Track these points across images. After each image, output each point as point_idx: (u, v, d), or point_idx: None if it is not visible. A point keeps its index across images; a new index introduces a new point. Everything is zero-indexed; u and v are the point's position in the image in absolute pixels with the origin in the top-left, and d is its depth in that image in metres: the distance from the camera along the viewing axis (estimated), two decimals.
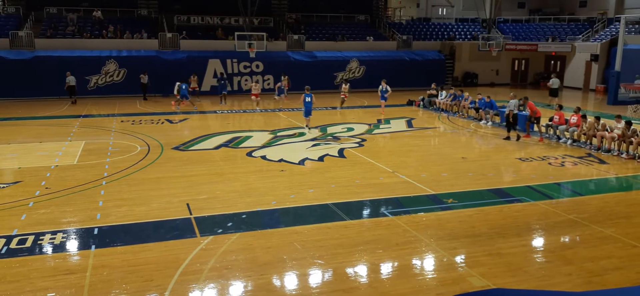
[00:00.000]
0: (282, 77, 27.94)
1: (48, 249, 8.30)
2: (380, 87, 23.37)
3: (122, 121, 20.81)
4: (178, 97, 23.87)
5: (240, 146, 16.47)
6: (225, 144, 16.59)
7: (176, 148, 15.87)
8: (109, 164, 13.71)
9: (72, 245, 8.50)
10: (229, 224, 9.40)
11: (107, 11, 32.79)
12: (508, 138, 17.54)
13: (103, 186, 11.79)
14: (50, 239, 8.65)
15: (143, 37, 31.12)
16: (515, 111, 17.86)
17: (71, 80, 25.92)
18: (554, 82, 27.15)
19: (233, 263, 7.82)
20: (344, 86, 25.80)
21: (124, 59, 29.06)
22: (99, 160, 14.21)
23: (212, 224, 9.38)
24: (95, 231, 9.01)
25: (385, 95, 23.10)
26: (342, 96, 25.27)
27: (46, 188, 11.53)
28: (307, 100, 19.04)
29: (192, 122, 21.06)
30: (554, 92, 26.91)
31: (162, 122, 20.57)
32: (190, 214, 9.90)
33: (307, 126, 19.33)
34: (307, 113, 19.22)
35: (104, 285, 7.09)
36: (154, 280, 7.26)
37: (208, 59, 30.31)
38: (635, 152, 15.07)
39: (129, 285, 7.08)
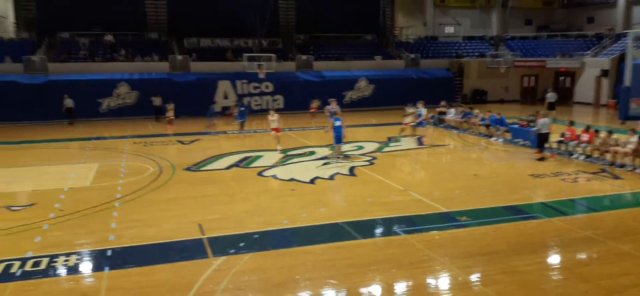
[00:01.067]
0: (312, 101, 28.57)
1: (62, 271, 8.32)
2: (415, 110, 21.12)
3: (134, 143, 20.96)
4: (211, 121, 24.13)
5: (251, 165, 16.50)
6: (237, 164, 16.64)
7: (188, 169, 15.93)
8: (122, 186, 13.78)
9: (86, 267, 8.51)
10: (241, 244, 9.38)
11: (118, 35, 33.28)
12: (542, 159, 16.64)
13: (116, 207, 11.84)
14: (64, 261, 8.67)
15: (154, 59, 31.50)
16: (545, 131, 16.95)
17: (69, 102, 26.59)
18: (550, 96, 28.26)
19: (246, 283, 7.79)
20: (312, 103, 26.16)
21: (136, 81, 29.40)
22: (111, 182, 14.29)
23: (224, 245, 9.36)
24: (109, 253, 9.02)
25: (421, 119, 20.72)
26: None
27: (60, 210, 11.60)
28: (336, 124, 16.71)
29: (204, 143, 21.17)
30: (551, 106, 27.61)
31: (174, 144, 20.70)
32: (203, 234, 9.89)
33: (336, 155, 16.99)
34: (338, 139, 16.78)
35: None
36: None
37: (218, 81, 30.59)
38: None
39: None
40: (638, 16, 36.43)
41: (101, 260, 8.73)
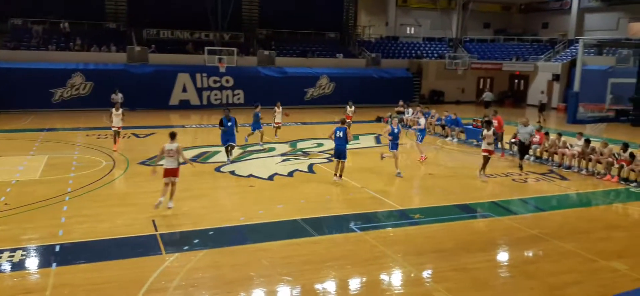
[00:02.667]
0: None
1: (6, 267, 8.02)
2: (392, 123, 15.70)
3: (87, 135, 20.37)
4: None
5: (209, 161, 16.32)
6: (193, 159, 16.41)
7: (142, 163, 15.60)
8: (73, 179, 13.38)
9: (32, 263, 8.24)
10: (196, 241, 9.28)
11: (74, 24, 32.15)
12: (521, 167, 15.89)
13: (66, 201, 11.49)
14: (9, 257, 8.36)
15: (111, 50, 30.65)
16: (527, 141, 16.12)
17: None
18: (487, 95, 32.05)
19: (199, 280, 7.72)
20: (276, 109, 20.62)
21: (91, 72, 28.53)
22: (62, 175, 13.85)
23: (178, 241, 9.25)
24: (57, 249, 8.76)
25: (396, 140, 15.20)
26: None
27: (5, 204, 11.16)
28: (338, 135, 13.58)
29: (159, 137, 20.74)
30: (487, 105, 30.63)
31: (129, 137, 20.22)
32: (156, 231, 9.73)
33: (336, 174, 13.77)
34: (339, 154, 13.63)
35: None
36: None
37: (177, 73, 30.04)
38: (594, 169, 15.58)
39: None
40: (590, 23, 37.96)
41: (49, 256, 8.47)
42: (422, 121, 17.54)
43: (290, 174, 14.78)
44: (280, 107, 19.85)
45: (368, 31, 41.52)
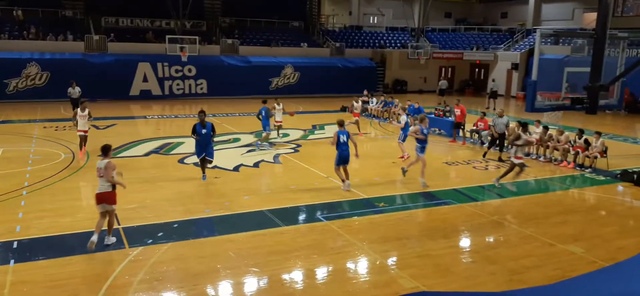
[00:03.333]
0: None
1: None
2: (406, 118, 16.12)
3: (44, 127, 19.73)
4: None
5: (172, 152, 16.08)
6: (156, 151, 16.15)
7: None
8: (30, 173, 12.96)
9: None
10: (160, 234, 9.15)
11: (28, 11, 30.93)
12: (485, 155, 16.24)
13: (23, 196, 11.13)
14: None
15: (68, 39, 29.69)
16: (502, 131, 16.04)
17: None
18: (442, 83, 33.67)
19: (164, 274, 7.63)
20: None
21: (47, 62, 27.60)
22: (18, 169, 13.39)
23: (142, 235, 9.09)
24: (15, 245, 8.48)
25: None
26: None
27: None
28: (342, 139, 12.10)
29: (120, 128, 20.31)
30: (441, 92, 32.74)
31: (88, 129, 19.64)
32: (118, 224, 9.54)
33: (344, 181, 12.26)
34: (345, 160, 12.16)
35: None
36: (79, 294, 6.96)
37: (137, 63, 29.41)
38: (552, 155, 16.13)
39: None
40: (547, 13, 39.05)
41: (6, 253, 8.20)
42: (403, 118, 15.83)
43: (256, 165, 14.72)
44: (280, 104, 18.41)
45: (332, 20, 41.55)
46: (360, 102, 21.42)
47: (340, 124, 12.31)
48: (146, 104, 27.74)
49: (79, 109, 14.94)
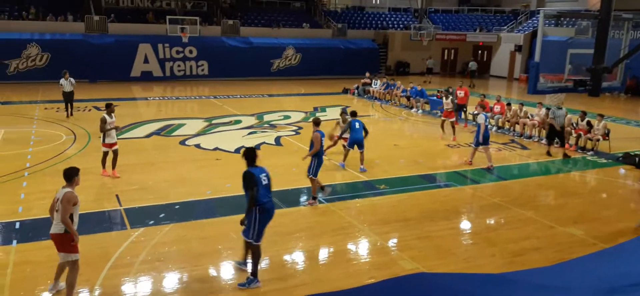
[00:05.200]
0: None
1: None
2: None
3: (46, 108, 19.73)
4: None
5: (173, 134, 16.08)
6: (157, 133, 16.14)
7: None
8: (32, 155, 12.98)
9: None
10: (162, 215, 9.19)
11: None
12: (548, 153, 14.61)
13: (25, 177, 11.17)
14: None
15: (68, 19, 29.53)
16: (562, 124, 14.43)
17: None
18: (430, 62, 34.25)
19: (166, 254, 7.67)
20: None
21: (48, 42, 27.48)
22: (20, 150, 13.41)
23: (144, 216, 9.13)
24: (17, 226, 8.54)
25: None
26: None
27: None
28: (356, 127, 12.43)
29: (122, 109, 20.24)
30: (429, 71, 33.89)
31: (90, 110, 19.67)
32: (120, 205, 9.58)
33: (362, 167, 12.42)
34: (358, 145, 12.41)
35: (27, 283, 6.77)
36: (82, 274, 6.98)
37: (138, 44, 29.26)
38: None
39: None
40: None
41: (9, 233, 8.25)
42: (481, 118, 12.92)
43: (257, 147, 14.69)
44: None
45: (334, 1, 41.20)
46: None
47: (354, 113, 12.64)
48: (147, 85, 27.67)
49: (107, 115, 11.24)
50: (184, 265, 7.37)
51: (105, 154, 11.34)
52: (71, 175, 6.49)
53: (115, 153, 11.35)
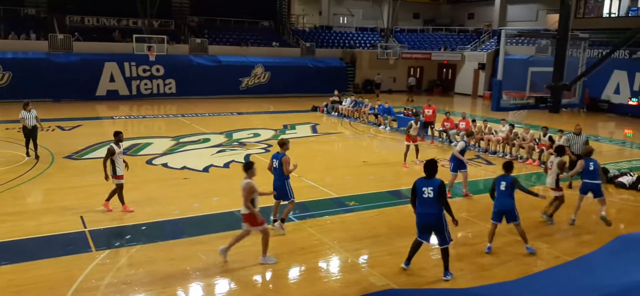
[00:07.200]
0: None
1: None
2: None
3: (7, 129, 19.15)
4: None
5: (140, 153, 15.82)
6: (123, 152, 15.72)
7: (69, 157, 14.89)
8: None
9: None
10: (128, 236, 9.00)
11: None
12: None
13: None
14: None
15: (31, 38, 28.86)
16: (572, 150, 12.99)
17: None
18: (378, 77, 35.43)
19: (132, 277, 7.51)
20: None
21: (9, 61, 26.73)
22: None
23: (109, 237, 8.93)
24: None
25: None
26: None
27: None
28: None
29: (87, 128, 19.86)
30: (377, 86, 34.87)
31: (53, 130, 19.18)
32: (85, 227, 9.35)
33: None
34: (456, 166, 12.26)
35: None
36: None
37: (104, 62, 28.76)
38: (517, 153, 16.52)
39: None
40: (512, 14, 39.88)
41: None
42: (461, 145, 12.30)
43: (226, 165, 14.61)
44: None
45: (302, 20, 41.52)
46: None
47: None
48: (113, 104, 27.19)
49: (114, 145, 10.37)
50: (151, 288, 7.22)
51: (121, 187, 10.21)
52: (248, 167, 8.22)
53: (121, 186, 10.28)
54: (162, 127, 20.91)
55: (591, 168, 10.16)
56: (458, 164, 12.17)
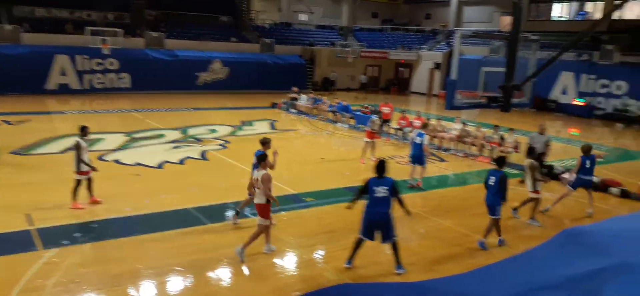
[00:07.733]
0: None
1: None
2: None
3: None
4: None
5: (91, 149, 15.27)
6: (73, 148, 15.33)
7: (15, 153, 14.33)
8: None
9: None
10: (77, 234, 8.75)
11: None
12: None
13: None
14: None
15: None
16: (542, 151, 13.07)
17: None
18: (332, 75, 36.55)
19: (82, 276, 7.30)
20: None
21: None
22: None
23: (58, 236, 8.64)
24: None
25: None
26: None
27: None
28: (417, 141, 12.79)
29: (36, 123, 19.13)
30: (332, 83, 35.93)
31: None
32: (31, 225, 9.02)
33: (414, 179, 12.92)
34: (417, 159, 12.81)
35: None
36: None
37: (54, 55, 27.75)
38: (469, 150, 16.98)
39: None
40: (468, 16, 40.88)
41: None
42: (427, 139, 12.91)
43: (181, 162, 14.39)
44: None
45: (262, 17, 41.26)
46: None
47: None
48: (64, 98, 26.29)
49: (80, 140, 10.27)
50: (101, 287, 7.05)
51: (79, 183, 10.03)
52: (262, 159, 8.49)
53: (90, 179, 10.23)
54: (115, 122, 20.37)
55: (588, 165, 10.86)
56: (420, 158, 12.68)
